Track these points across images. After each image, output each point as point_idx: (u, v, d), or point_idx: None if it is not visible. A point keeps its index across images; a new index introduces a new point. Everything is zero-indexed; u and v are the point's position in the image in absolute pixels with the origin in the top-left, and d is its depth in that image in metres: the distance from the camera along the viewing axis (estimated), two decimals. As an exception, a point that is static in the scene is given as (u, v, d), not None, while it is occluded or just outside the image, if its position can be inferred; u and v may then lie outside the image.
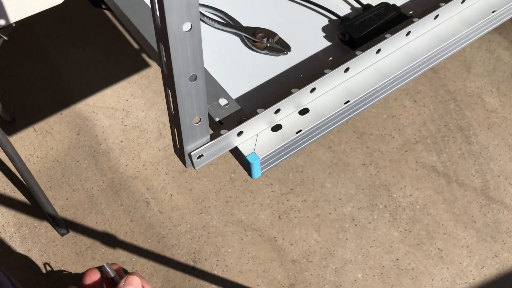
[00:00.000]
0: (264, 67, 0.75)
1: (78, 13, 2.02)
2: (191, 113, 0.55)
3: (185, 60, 0.49)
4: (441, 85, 1.87)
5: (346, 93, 0.69)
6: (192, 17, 0.46)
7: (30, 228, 1.57)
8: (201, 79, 0.52)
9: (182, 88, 0.51)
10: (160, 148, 1.71)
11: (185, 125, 0.55)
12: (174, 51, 0.48)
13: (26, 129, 1.76)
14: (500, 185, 1.66)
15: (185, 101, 0.53)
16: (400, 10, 0.77)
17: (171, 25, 0.45)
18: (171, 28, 0.46)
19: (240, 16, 0.82)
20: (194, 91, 0.53)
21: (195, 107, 0.54)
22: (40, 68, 1.90)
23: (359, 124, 1.77)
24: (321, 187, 1.64)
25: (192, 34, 0.48)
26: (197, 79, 0.51)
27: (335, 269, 1.51)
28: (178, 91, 0.51)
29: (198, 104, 0.54)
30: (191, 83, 0.51)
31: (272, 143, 0.66)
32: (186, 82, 0.51)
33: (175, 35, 0.47)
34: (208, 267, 1.51)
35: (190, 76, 0.51)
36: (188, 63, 0.50)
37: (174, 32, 0.46)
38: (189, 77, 0.51)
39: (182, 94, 0.52)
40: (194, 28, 0.47)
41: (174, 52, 0.48)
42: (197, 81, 0.52)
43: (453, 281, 1.49)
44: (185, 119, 0.55)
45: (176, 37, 0.47)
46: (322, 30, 0.80)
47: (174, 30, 0.46)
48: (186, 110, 0.54)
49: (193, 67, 0.50)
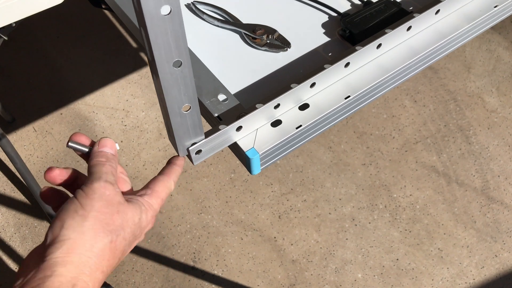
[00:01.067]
0: (264, 64, 0.75)
1: (78, 13, 2.02)
2: (178, 100, 0.54)
3: (166, 45, 0.48)
4: (441, 85, 1.87)
5: (346, 88, 0.69)
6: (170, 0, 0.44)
7: (30, 228, 1.57)
8: (187, 66, 0.51)
9: (166, 75, 0.50)
10: (160, 148, 1.71)
11: (173, 112, 0.54)
12: (153, 35, 0.46)
13: (26, 129, 1.76)
14: (500, 185, 1.65)
15: (171, 88, 0.52)
16: (400, 6, 0.76)
17: (147, 7, 0.44)
18: (147, 11, 0.44)
19: (240, 13, 0.81)
20: (180, 77, 0.51)
21: (182, 94, 0.53)
22: (40, 68, 1.89)
23: (359, 124, 1.77)
24: (321, 187, 1.64)
25: (172, 17, 0.46)
26: (182, 66, 0.50)
27: (335, 269, 1.51)
28: (162, 78, 0.50)
29: (186, 91, 0.53)
30: (176, 69, 0.50)
31: (271, 139, 0.65)
32: (170, 68, 0.50)
33: (152, 19, 0.45)
34: (208, 267, 1.51)
35: (174, 62, 0.49)
36: (170, 48, 0.48)
37: (151, 16, 0.45)
38: (173, 63, 0.50)
39: (167, 81, 0.51)
40: (174, 12, 0.46)
41: (153, 36, 0.46)
42: (182, 67, 0.50)
43: (453, 281, 1.49)
44: (173, 106, 0.54)
45: (154, 21, 0.45)
46: (322, 26, 0.79)
47: (151, 13, 0.44)
48: (173, 97, 0.53)
49: (177, 53, 0.49)
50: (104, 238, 0.50)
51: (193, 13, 0.82)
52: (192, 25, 0.81)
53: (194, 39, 0.78)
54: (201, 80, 0.70)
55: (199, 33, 0.79)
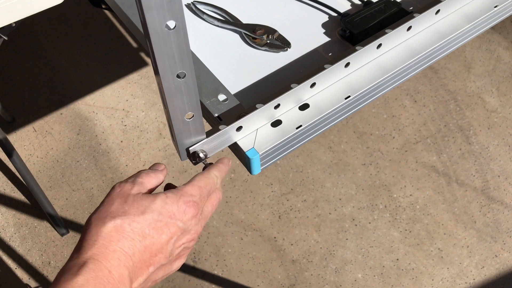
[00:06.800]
0: (264, 64, 0.75)
1: (78, 13, 2.02)
2: (182, 109, 0.54)
3: (170, 57, 0.48)
4: (441, 85, 1.87)
5: (346, 88, 0.68)
6: (175, 14, 0.44)
7: (30, 228, 1.57)
8: (191, 76, 0.51)
9: (170, 85, 0.50)
10: (160, 148, 1.71)
11: (176, 119, 0.55)
12: (157, 49, 0.46)
13: (26, 129, 1.76)
14: (500, 185, 1.65)
15: (174, 97, 0.52)
16: (400, 6, 0.76)
17: (152, 23, 0.44)
18: (152, 26, 0.44)
19: (240, 13, 0.81)
20: (183, 88, 0.51)
21: (186, 103, 0.53)
22: (40, 68, 1.89)
23: (359, 124, 1.77)
24: (321, 187, 1.64)
25: (177, 32, 0.45)
26: (186, 77, 0.50)
27: (335, 269, 1.51)
28: (166, 88, 0.50)
29: (190, 100, 0.53)
30: (179, 80, 0.50)
31: (272, 139, 0.65)
32: (174, 79, 0.49)
33: (157, 33, 0.45)
34: (208, 267, 1.50)
35: (178, 74, 0.50)
36: (174, 61, 0.48)
37: (156, 30, 0.44)
38: (177, 74, 0.50)
39: (170, 91, 0.51)
40: (179, 26, 0.45)
41: (157, 49, 0.46)
42: (186, 78, 0.50)
43: (453, 281, 1.49)
44: (176, 114, 0.54)
45: (159, 35, 0.45)
46: (322, 26, 0.79)
47: (156, 28, 0.44)
48: (176, 106, 0.53)
49: (180, 65, 0.49)
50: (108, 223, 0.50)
51: (193, 13, 0.82)
52: (192, 25, 0.81)
53: (194, 39, 0.78)
54: (201, 80, 0.70)
55: (199, 33, 0.79)
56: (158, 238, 0.51)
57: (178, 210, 0.53)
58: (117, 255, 0.48)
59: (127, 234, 0.50)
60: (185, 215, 0.54)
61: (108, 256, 0.48)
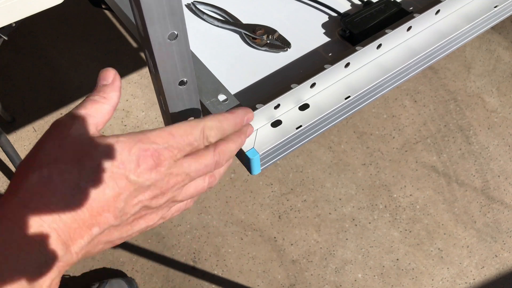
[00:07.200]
0: (264, 64, 0.75)
1: (78, 13, 2.02)
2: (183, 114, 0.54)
3: (173, 67, 0.47)
4: (441, 85, 1.87)
5: (346, 89, 0.68)
6: (177, 25, 0.43)
7: (30, 228, 1.57)
8: (192, 83, 0.51)
9: (172, 92, 0.50)
10: (160, 148, 1.71)
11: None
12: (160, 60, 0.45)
13: (26, 129, 1.76)
14: (500, 185, 1.65)
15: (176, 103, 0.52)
16: (400, 6, 0.76)
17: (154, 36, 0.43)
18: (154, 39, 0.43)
19: (240, 13, 0.81)
20: (185, 94, 0.52)
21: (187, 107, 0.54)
22: (40, 68, 1.89)
23: (359, 124, 1.76)
24: (321, 187, 1.64)
25: (178, 42, 0.45)
26: (187, 83, 0.50)
27: (335, 269, 1.51)
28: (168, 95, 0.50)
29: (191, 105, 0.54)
30: (181, 87, 0.50)
31: (272, 139, 0.65)
32: (176, 87, 0.49)
33: (160, 45, 0.44)
34: (208, 267, 1.50)
35: (179, 82, 0.50)
36: (176, 70, 0.48)
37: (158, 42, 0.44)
38: (179, 82, 0.50)
39: (172, 97, 0.51)
40: (181, 36, 0.45)
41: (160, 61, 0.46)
42: (187, 85, 0.50)
43: (453, 281, 1.49)
44: (178, 120, 0.55)
45: (162, 46, 0.44)
46: (322, 26, 0.79)
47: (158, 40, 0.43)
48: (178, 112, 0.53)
49: (182, 73, 0.49)
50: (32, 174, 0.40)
51: (193, 13, 0.82)
52: (192, 25, 0.81)
53: (194, 39, 0.78)
54: (201, 80, 0.70)
55: (199, 33, 0.79)
56: (99, 193, 0.40)
57: (128, 159, 0.41)
58: (39, 214, 0.38)
59: (55, 187, 0.39)
60: (138, 166, 0.42)
61: (26, 216, 0.38)
